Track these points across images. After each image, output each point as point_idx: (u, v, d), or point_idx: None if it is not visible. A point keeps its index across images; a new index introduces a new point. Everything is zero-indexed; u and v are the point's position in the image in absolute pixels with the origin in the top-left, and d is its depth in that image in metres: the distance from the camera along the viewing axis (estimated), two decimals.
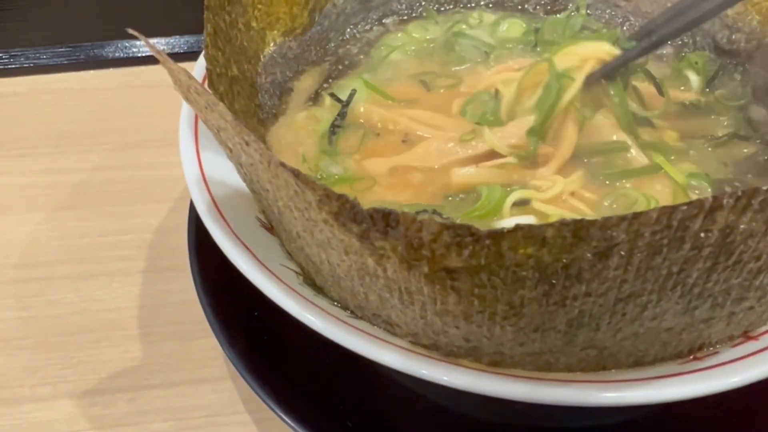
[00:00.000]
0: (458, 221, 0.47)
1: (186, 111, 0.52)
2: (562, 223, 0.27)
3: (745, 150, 0.56)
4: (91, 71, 0.87)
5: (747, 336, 0.39)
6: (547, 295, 0.31)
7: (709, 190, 0.52)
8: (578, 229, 0.27)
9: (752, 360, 0.37)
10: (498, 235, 0.27)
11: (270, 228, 0.47)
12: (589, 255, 0.29)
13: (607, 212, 0.50)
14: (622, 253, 0.29)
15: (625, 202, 0.50)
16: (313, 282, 0.42)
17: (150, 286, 0.65)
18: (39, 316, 0.62)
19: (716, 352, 0.38)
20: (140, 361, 0.59)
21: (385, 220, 0.28)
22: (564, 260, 0.29)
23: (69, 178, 0.74)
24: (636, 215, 0.27)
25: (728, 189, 0.53)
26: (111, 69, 0.88)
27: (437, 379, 0.36)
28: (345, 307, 0.40)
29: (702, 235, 0.29)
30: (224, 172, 0.48)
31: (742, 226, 0.29)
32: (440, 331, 0.34)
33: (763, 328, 0.39)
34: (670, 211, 0.27)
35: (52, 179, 0.74)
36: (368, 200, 0.51)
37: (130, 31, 0.41)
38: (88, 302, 0.63)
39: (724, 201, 0.27)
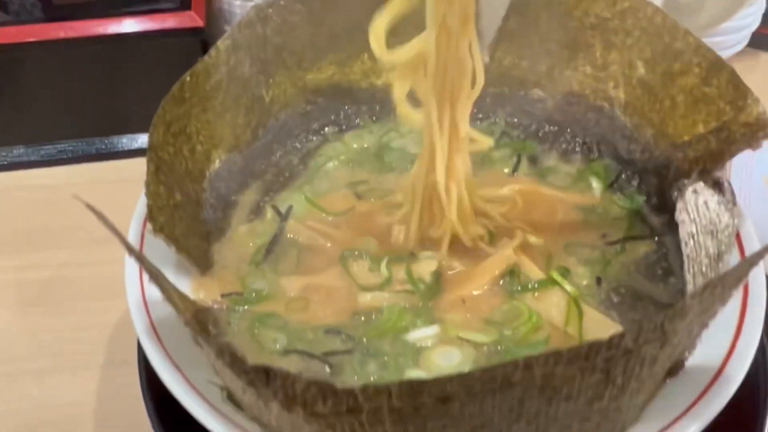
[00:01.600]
0: (364, 339, 0.54)
1: (134, 230, 0.58)
2: (402, 383, 0.33)
3: (636, 252, 0.63)
4: (60, 167, 0.94)
5: None
6: (406, 430, 0.37)
7: (601, 295, 0.59)
8: (417, 386, 0.34)
9: None
10: (351, 391, 0.34)
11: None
12: (431, 401, 0.35)
13: (497, 324, 0.56)
14: (461, 398, 0.35)
15: (514, 314, 0.57)
16: (233, 398, 0.48)
17: (108, 380, 0.71)
18: (5, 411, 0.68)
19: None
20: None
21: (266, 374, 0.35)
22: (412, 404, 0.35)
23: (38, 274, 0.81)
24: (462, 375, 0.34)
25: (622, 290, 0.60)
26: (79, 164, 0.95)
27: None
28: (261, 424, 0.46)
29: (526, 381, 0.35)
30: None
31: (558, 374, 0.35)
32: None
33: None
34: (491, 370, 0.34)
35: (23, 276, 0.81)
36: (286, 318, 0.57)
37: (90, 208, 0.47)
38: (52, 397, 0.69)
39: (534, 361, 0.34)
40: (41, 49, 0.90)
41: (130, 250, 0.44)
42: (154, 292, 0.55)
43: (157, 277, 0.44)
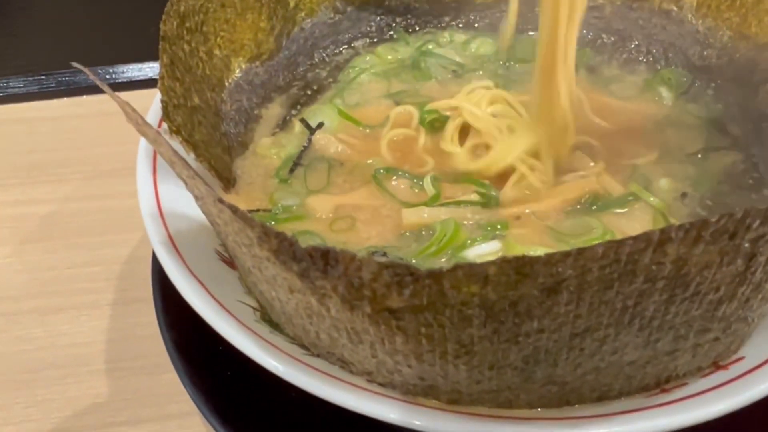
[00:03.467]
0: (413, 261, 0.46)
1: (144, 141, 0.51)
2: (504, 261, 0.26)
3: (720, 162, 0.55)
4: (64, 99, 0.86)
5: (717, 366, 0.38)
6: (497, 332, 0.29)
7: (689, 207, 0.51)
8: (521, 266, 0.26)
9: (722, 391, 0.36)
10: (438, 274, 0.26)
11: (230, 261, 0.46)
12: (536, 292, 0.27)
13: (569, 245, 0.48)
14: (571, 288, 0.28)
15: (585, 229, 0.49)
16: (269, 318, 0.40)
17: (118, 319, 0.63)
18: (5, 352, 0.61)
19: (685, 384, 0.37)
20: (106, 398, 0.58)
21: (323, 258, 0.27)
22: (510, 298, 0.27)
23: (38, 209, 0.73)
24: (581, 251, 0.26)
25: (709, 202, 0.52)
26: (84, 96, 0.87)
27: (390, 419, 0.34)
28: (301, 345, 0.39)
29: (654, 267, 0.28)
30: (185, 204, 0.47)
31: (695, 258, 0.28)
32: (393, 370, 0.33)
33: (733, 357, 0.38)
34: (616, 245, 0.26)
35: (21, 211, 0.73)
36: (323, 237, 0.50)
37: (75, 64, 0.40)
38: (55, 337, 0.62)
39: (673, 234, 0.26)
40: None
41: (142, 128, 0.36)
42: (170, 201, 0.47)
43: (176, 164, 0.36)
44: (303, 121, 0.59)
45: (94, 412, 0.57)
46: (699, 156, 0.55)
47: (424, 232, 0.50)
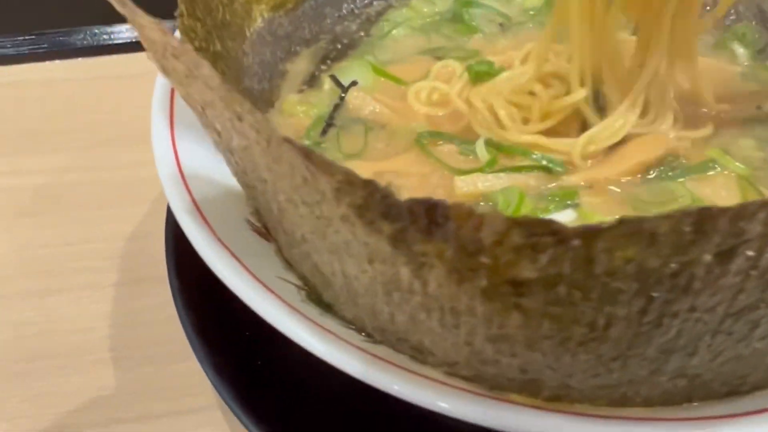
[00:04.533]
0: None
1: (160, 92, 0.43)
2: (684, 214, 0.19)
3: None
4: (57, 61, 0.79)
5: None
6: (643, 312, 0.23)
7: None
8: (703, 221, 0.19)
9: None
10: (592, 233, 0.19)
11: (264, 233, 0.39)
12: (708, 257, 0.21)
13: (647, 209, 0.42)
14: (750, 253, 0.21)
15: (668, 197, 0.42)
16: (319, 298, 0.34)
17: (124, 301, 0.56)
18: None
19: None
20: (112, 391, 0.51)
21: (429, 214, 0.20)
22: (673, 265, 0.21)
23: (30, 180, 0.66)
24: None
25: None
26: (80, 59, 0.79)
27: (484, 420, 0.28)
28: (361, 329, 0.32)
29: None
30: (208, 167, 0.41)
31: None
32: (490, 361, 0.26)
33: None
34: None
35: (11, 182, 0.66)
36: None
37: None
38: (52, 322, 0.55)
39: None
40: None
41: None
42: (191, 162, 0.40)
43: (224, 94, 0.28)
44: (333, 77, 0.53)
45: (98, 407, 0.50)
46: None
47: (482, 203, 0.44)
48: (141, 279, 0.57)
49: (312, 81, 0.53)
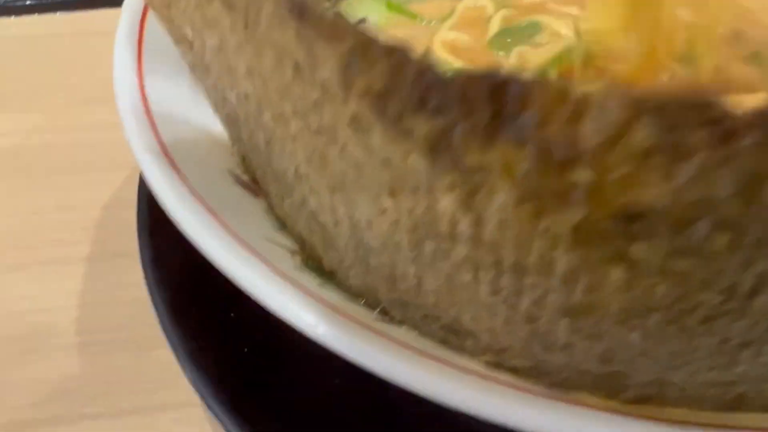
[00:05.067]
0: None
1: (127, 20, 0.36)
2: None
3: None
4: (36, 15, 0.71)
5: None
6: None
7: None
8: None
9: None
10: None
11: (252, 187, 0.31)
12: None
13: None
14: None
15: None
16: (318, 263, 0.26)
17: (96, 278, 0.48)
18: None
19: None
20: (79, 381, 0.43)
21: (495, 99, 0.12)
22: None
23: None
24: None
25: None
26: (58, 13, 0.71)
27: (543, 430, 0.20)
28: (374, 304, 0.24)
29: None
30: (182, 107, 0.33)
31: None
32: (559, 345, 0.19)
33: None
34: None
35: None
36: None
37: None
38: (12, 301, 0.47)
39: None
40: None
41: None
42: (161, 102, 0.33)
43: None
44: (339, 14, 0.44)
45: (62, 400, 0.42)
46: None
47: None
48: (117, 254, 0.50)
49: None
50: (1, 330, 0.45)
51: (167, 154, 0.29)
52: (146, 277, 0.37)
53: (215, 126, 0.33)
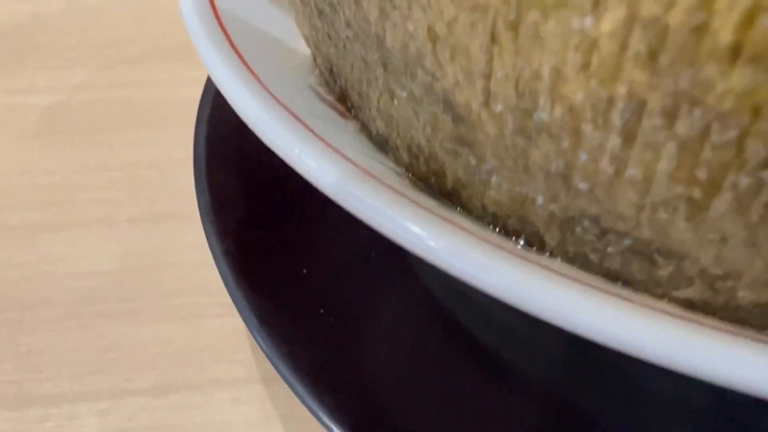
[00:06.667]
0: None
1: None
2: None
3: None
4: None
5: None
6: None
7: None
8: None
9: None
10: None
11: (339, 108, 0.26)
12: None
13: None
14: None
15: None
16: (436, 181, 0.20)
17: (142, 241, 0.43)
18: None
19: None
20: (121, 352, 0.38)
21: None
22: None
23: (40, 99, 0.54)
24: None
25: None
26: None
27: None
28: (517, 226, 0.18)
29: None
30: (256, 20, 0.27)
31: None
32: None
33: None
34: None
35: (18, 101, 0.54)
36: None
37: None
38: (51, 263, 0.42)
39: None
40: None
41: None
42: (231, 6, 0.27)
43: None
44: None
45: (103, 372, 0.37)
46: None
47: None
48: (167, 215, 0.45)
49: None
50: (38, 294, 0.40)
51: (240, 56, 0.23)
52: (205, 229, 0.32)
53: (294, 43, 0.27)
